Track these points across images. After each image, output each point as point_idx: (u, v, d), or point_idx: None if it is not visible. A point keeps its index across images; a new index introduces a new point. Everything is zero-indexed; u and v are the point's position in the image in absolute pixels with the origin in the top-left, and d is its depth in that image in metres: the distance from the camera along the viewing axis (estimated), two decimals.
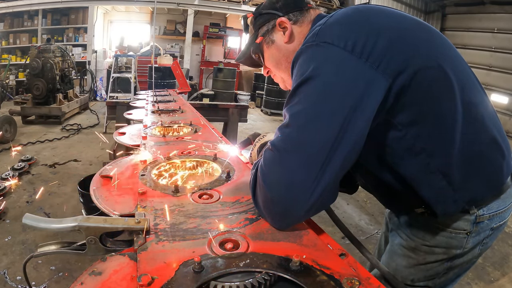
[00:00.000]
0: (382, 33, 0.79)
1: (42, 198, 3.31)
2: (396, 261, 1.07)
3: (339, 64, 0.77)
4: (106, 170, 1.17)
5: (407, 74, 0.79)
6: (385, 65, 0.77)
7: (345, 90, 0.75)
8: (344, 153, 0.75)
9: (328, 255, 0.69)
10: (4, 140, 4.81)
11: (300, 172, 0.73)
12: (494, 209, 0.94)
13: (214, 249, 0.70)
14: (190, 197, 0.96)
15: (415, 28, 0.88)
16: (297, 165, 0.74)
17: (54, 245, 0.79)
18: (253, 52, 1.12)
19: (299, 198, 0.74)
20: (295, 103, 0.79)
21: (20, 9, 8.83)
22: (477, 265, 2.72)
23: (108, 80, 7.82)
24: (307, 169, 0.73)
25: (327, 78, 0.76)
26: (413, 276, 1.04)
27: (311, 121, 0.75)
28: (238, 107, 4.25)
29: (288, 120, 0.79)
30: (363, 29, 0.80)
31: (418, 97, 0.82)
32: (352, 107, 0.74)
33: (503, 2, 6.58)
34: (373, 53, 0.77)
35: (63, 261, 2.31)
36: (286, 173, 0.74)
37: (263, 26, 1.06)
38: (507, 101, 6.80)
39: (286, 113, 0.81)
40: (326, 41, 0.79)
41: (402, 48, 0.80)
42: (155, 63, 6.86)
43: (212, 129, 1.81)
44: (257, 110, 9.15)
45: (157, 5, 7.78)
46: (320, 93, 0.76)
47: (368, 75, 0.76)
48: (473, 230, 0.94)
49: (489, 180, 0.92)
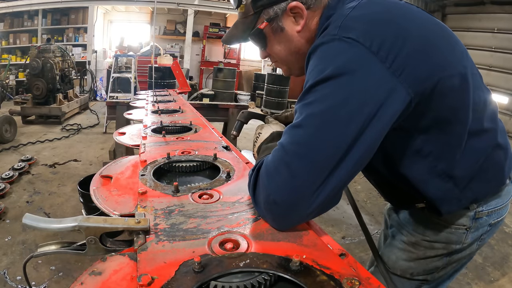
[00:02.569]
0: (407, 39, 0.74)
1: (42, 198, 3.32)
2: (396, 254, 1.09)
3: (362, 66, 0.71)
4: (106, 170, 1.17)
5: (428, 84, 0.75)
6: (407, 74, 0.72)
7: (365, 96, 0.70)
8: (354, 161, 0.71)
9: (328, 255, 0.69)
10: (4, 140, 4.81)
11: (307, 177, 0.71)
12: (492, 206, 0.97)
13: (214, 249, 0.70)
14: (190, 197, 0.96)
15: (438, 34, 0.82)
16: (305, 169, 0.71)
17: (54, 245, 0.79)
18: (252, 38, 0.95)
19: (302, 202, 0.72)
20: (310, 102, 0.73)
21: (20, 9, 8.84)
22: (477, 265, 2.72)
23: (108, 80, 7.82)
24: (315, 174, 0.71)
25: (349, 81, 0.71)
26: (413, 270, 1.06)
27: (326, 126, 0.71)
28: (238, 107, 4.25)
29: (301, 120, 0.73)
30: (390, 31, 0.74)
31: (436, 105, 0.79)
32: (370, 115, 0.70)
33: (503, 2, 6.58)
34: (396, 60, 0.71)
35: (63, 261, 2.31)
36: (292, 176, 0.71)
37: (267, 8, 0.88)
38: (507, 101, 6.79)
39: (299, 111, 0.75)
40: (351, 37, 0.72)
41: (425, 57, 0.75)
42: (155, 63, 6.87)
43: (212, 129, 1.81)
44: (257, 110, 9.15)
45: (157, 5, 7.78)
46: (339, 96, 0.71)
47: (390, 83, 0.71)
48: (472, 225, 0.97)
49: (492, 181, 0.94)
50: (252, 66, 11.26)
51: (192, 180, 1.19)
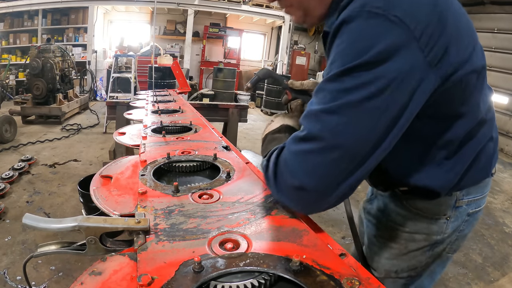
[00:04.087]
0: (445, 27, 0.69)
1: (42, 198, 3.32)
2: (377, 253, 1.08)
3: (404, 54, 0.66)
4: (106, 170, 1.17)
5: (453, 78, 0.74)
6: (439, 66, 0.69)
7: (404, 87, 0.67)
8: (381, 151, 0.71)
9: (328, 255, 0.69)
10: (4, 140, 4.81)
11: (340, 166, 0.70)
12: (472, 195, 0.98)
13: (214, 249, 0.70)
14: (190, 197, 0.96)
15: (465, 26, 0.78)
16: (339, 158, 0.69)
17: (54, 245, 0.79)
18: None
19: (330, 190, 0.72)
20: (348, 88, 0.68)
21: (20, 9, 8.83)
22: (477, 265, 2.73)
23: (108, 80, 7.82)
24: (347, 163, 0.69)
25: (390, 69, 0.66)
26: (397, 267, 1.06)
27: (363, 116, 0.67)
28: (238, 107, 4.25)
29: (337, 107, 0.68)
30: (434, 15, 0.68)
31: (453, 97, 0.79)
32: (403, 105, 0.68)
33: (503, 2, 6.58)
34: (434, 49, 0.67)
35: (63, 261, 2.31)
36: (325, 164, 0.69)
37: None
38: (507, 101, 6.80)
39: (332, 94, 0.70)
40: (397, 15, 0.65)
41: (456, 50, 0.72)
42: (155, 63, 6.87)
43: (212, 129, 1.81)
44: (257, 110, 9.16)
45: (157, 5, 7.78)
46: (379, 85, 0.66)
47: (425, 72, 0.68)
48: (452, 214, 0.98)
49: (482, 171, 0.97)
50: (252, 66, 11.27)
51: (192, 180, 1.19)
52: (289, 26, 9.62)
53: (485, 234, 3.28)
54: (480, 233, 3.28)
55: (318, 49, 11.33)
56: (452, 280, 2.53)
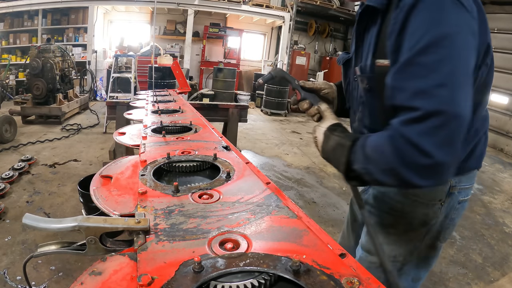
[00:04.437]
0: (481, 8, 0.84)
1: (42, 198, 3.32)
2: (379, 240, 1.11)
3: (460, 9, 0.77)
4: (106, 170, 1.17)
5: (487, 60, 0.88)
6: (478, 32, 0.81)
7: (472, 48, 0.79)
8: None
9: (328, 255, 0.69)
10: (4, 140, 4.81)
11: (460, 133, 0.73)
12: (463, 183, 1.06)
13: (214, 249, 0.70)
14: (190, 197, 0.96)
15: (484, 13, 0.91)
16: (458, 127, 0.72)
17: (54, 245, 0.79)
18: None
19: (457, 158, 0.77)
20: (442, 58, 0.74)
21: (20, 9, 8.83)
22: (477, 265, 2.73)
23: (108, 80, 7.81)
24: (464, 129, 0.73)
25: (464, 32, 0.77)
26: (395, 252, 1.10)
27: (467, 80, 0.76)
28: (238, 107, 4.25)
29: (444, 79, 0.73)
30: None
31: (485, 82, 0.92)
32: (474, 48, 0.79)
33: (503, 2, 6.58)
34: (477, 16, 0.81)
35: (63, 261, 2.31)
36: (450, 136, 0.72)
37: None
38: (507, 101, 6.80)
39: (426, 68, 0.75)
40: None
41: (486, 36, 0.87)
42: (155, 63, 6.87)
43: (212, 129, 1.81)
44: (257, 110, 9.15)
45: (157, 5, 7.78)
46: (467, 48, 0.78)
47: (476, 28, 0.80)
48: (446, 200, 1.05)
49: (474, 162, 1.04)
50: (252, 66, 11.26)
51: (192, 180, 1.19)
52: (289, 26, 9.61)
53: (485, 234, 3.28)
54: (480, 233, 3.28)
55: (318, 49, 11.33)
56: (452, 280, 2.53)
